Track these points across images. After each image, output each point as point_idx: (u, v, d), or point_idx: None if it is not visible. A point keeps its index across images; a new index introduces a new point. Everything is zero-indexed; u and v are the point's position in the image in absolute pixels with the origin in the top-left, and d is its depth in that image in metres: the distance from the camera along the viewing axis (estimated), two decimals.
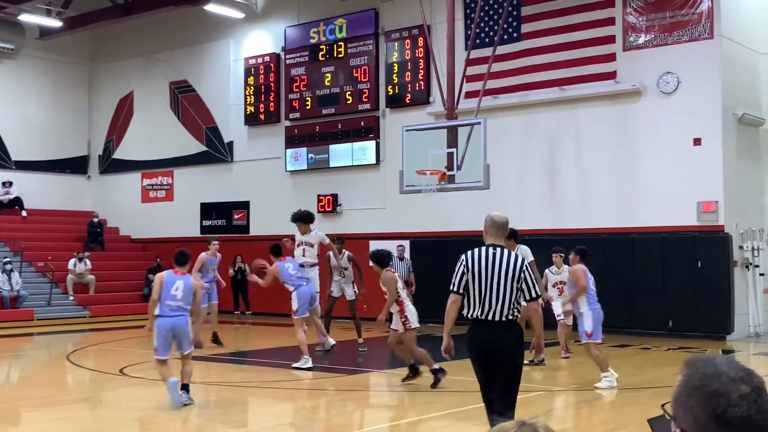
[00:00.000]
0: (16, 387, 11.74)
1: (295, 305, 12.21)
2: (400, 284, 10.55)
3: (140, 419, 9.54)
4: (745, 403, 1.65)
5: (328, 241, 13.60)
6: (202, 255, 14.94)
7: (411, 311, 10.45)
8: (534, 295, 6.25)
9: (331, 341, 12.87)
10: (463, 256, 6.38)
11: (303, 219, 13.42)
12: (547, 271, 13.18)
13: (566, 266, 12.28)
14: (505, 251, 6.36)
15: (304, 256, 13.17)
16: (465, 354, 6.40)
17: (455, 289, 6.33)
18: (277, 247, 13.17)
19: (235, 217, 23.50)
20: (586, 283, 10.38)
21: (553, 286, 13.13)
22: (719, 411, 1.65)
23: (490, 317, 6.16)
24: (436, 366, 10.29)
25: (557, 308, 12.84)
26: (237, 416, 9.49)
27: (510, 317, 6.17)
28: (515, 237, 11.37)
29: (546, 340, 12.47)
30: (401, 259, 18.40)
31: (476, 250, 6.34)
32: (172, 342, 9.61)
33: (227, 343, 15.67)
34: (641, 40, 16.86)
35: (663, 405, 1.85)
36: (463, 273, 6.29)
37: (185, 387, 9.60)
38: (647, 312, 16.14)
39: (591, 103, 17.39)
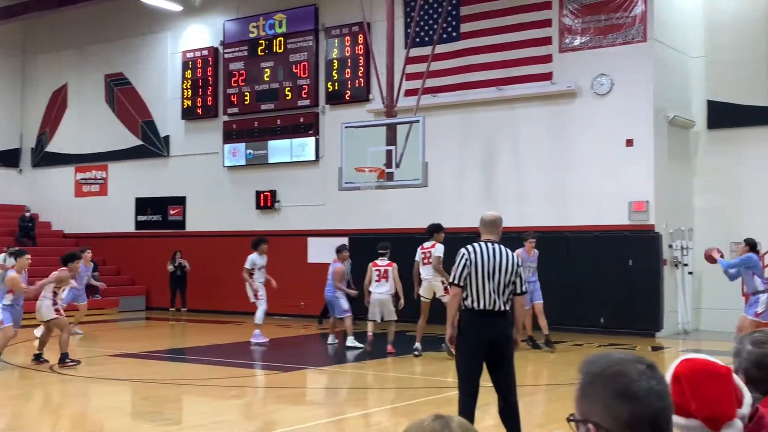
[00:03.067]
0: None
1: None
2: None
3: (72, 417, 9.44)
4: (645, 377, 1.84)
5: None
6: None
7: None
8: (523, 290, 6.72)
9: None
10: (463, 250, 6.69)
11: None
12: None
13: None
14: (502, 247, 6.71)
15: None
16: (398, 351, 6.49)
17: (458, 282, 6.62)
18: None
19: (171, 212, 23.28)
20: None
21: None
22: (623, 387, 1.82)
23: (493, 308, 6.52)
24: None
25: None
26: (170, 414, 9.46)
27: (507, 308, 6.61)
28: (438, 231, 13.37)
29: None
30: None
31: (476, 245, 6.67)
32: None
33: (163, 338, 15.55)
34: (577, 42, 17.21)
35: (568, 418, 1.97)
36: (465, 266, 6.59)
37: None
38: (581, 309, 16.50)
39: (527, 104, 17.68)
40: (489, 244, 6.68)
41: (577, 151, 17.06)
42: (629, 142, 16.54)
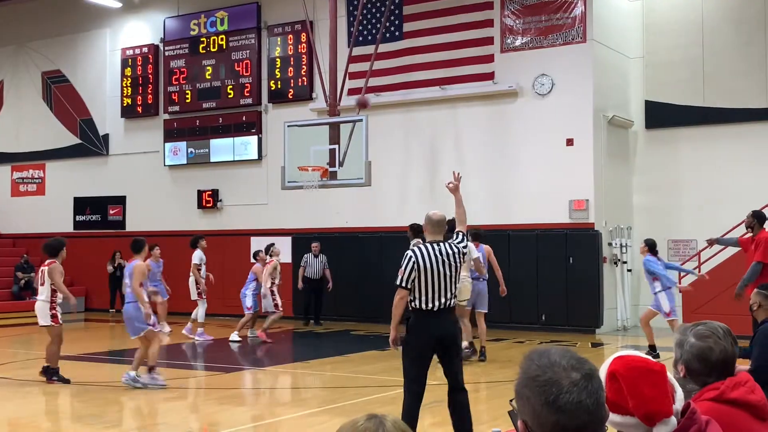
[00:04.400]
0: None
1: None
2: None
3: (10, 421, 9.24)
4: (576, 389, 1.81)
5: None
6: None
7: None
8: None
9: None
10: (410, 253, 6.82)
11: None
12: None
13: None
14: (444, 245, 6.87)
15: None
16: (335, 351, 6.51)
17: (404, 285, 6.77)
18: None
19: (111, 212, 22.90)
20: None
21: None
22: (551, 398, 1.81)
23: (440, 307, 6.74)
24: None
25: None
26: (111, 416, 9.32)
27: (452, 305, 6.88)
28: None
29: None
30: (316, 256, 18.30)
31: (422, 247, 6.82)
32: None
33: (103, 340, 15.31)
34: (518, 42, 17.40)
35: (511, 400, 2.02)
36: (412, 269, 6.74)
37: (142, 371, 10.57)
38: (522, 306, 16.69)
39: (470, 103, 17.82)
40: (435, 245, 6.84)
41: (519, 150, 17.24)
42: (569, 142, 16.79)
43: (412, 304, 6.80)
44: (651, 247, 12.72)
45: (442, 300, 6.75)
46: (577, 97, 16.74)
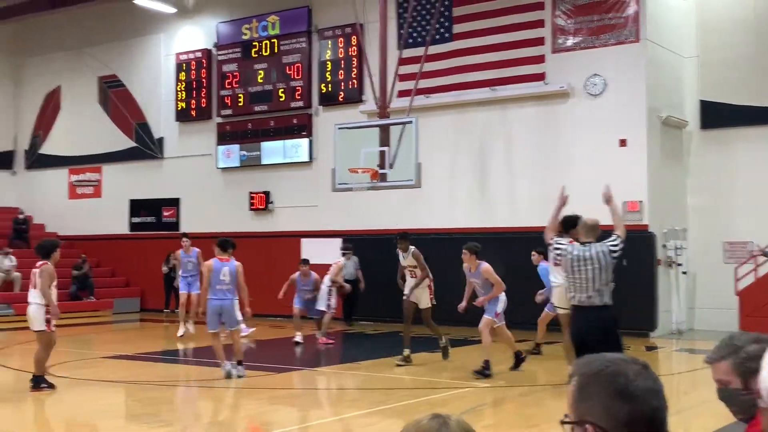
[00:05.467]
0: None
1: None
2: None
3: (66, 419, 9.39)
4: (642, 376, 1.86)
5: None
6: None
7: None
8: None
9: None
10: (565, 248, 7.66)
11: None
12: None
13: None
14: (595, 246, 7.63)
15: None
16: (385, 353, 6.47)
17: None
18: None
19: (165, 214, 23.20)
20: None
21: None
22: (621, 387, 1.84)
23: (588, 303, 7.50)
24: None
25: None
26: (165, 416, 9.41)
27: (603, 302, 7.60)
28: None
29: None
30: (349, 258, 18.36)
31: (575, 246, 7.68)
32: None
33: (158, 341, 15.50)
34: (570, 42, 17.19)
35: (562, 420, 1.96)
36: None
37: (240, 363, 10.98)
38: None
39: (520, 104, 17.66)
40: (586, 246, 7.63)
41: (570, 152, 17.03)
42: (623, 142, 16.53)
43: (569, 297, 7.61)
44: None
45: (588, 295, 7.41)
46: (630, 97, 16.47)
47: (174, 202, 23.02)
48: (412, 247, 12.66)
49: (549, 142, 17.30)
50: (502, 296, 11.39)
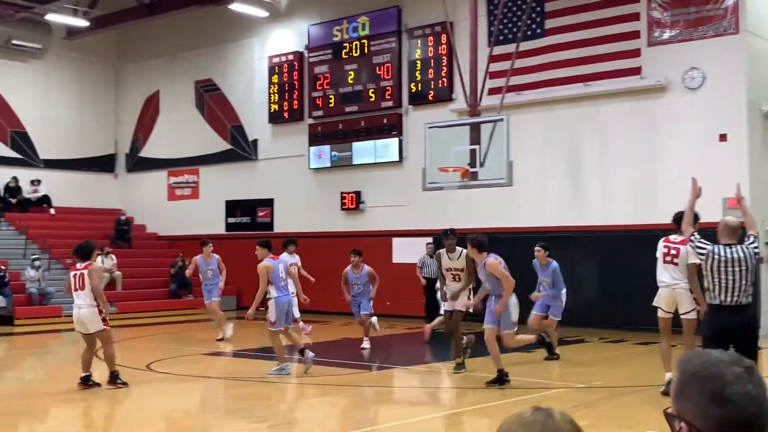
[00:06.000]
0: (43, 383, 11.88)
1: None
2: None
3: (165, 414, 9.63)
4: (741, 381, 1.78)
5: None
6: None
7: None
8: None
9: None
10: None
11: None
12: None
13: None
14: (738, 247, 7.44)
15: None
16: (477, 352, 6.38)
17: None
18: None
19: (260, 214, 23.61)
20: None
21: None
22: (717, 391, 1.78)
23: (731, 303, 7.37)
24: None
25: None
26: (261, 411, 9.54)
27: (745, 302, 7.45)
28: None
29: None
30: (431, 256, 18.39)
31: (719, 248, 7.46)
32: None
33: (255, 338, 15.75)
34: (666, 35, 16.72)
35: (665, 410, 1.91)
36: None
37: (302, 351, 11.23)
38: None
39: (614, 99, 17.28)
40: (729, 248, 7.41)
41: (667, 147, 16.57)
42: (723, 137, 15.98)
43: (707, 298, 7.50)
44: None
45: (734, 297, 7.32)
46: (729, 91, 15.90)
47: (268, 203, 23.41)
48: (459, 248, 11.56)
49: (644, 138, 16.86)
50: (514, 301, 10.26)
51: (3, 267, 20.43)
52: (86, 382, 10.20)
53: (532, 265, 12.93)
